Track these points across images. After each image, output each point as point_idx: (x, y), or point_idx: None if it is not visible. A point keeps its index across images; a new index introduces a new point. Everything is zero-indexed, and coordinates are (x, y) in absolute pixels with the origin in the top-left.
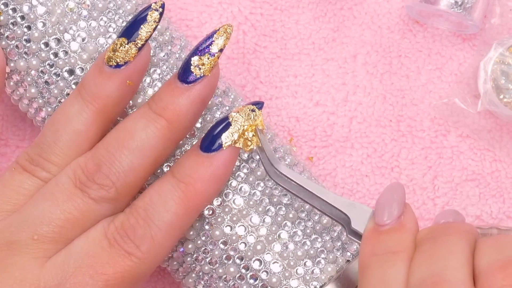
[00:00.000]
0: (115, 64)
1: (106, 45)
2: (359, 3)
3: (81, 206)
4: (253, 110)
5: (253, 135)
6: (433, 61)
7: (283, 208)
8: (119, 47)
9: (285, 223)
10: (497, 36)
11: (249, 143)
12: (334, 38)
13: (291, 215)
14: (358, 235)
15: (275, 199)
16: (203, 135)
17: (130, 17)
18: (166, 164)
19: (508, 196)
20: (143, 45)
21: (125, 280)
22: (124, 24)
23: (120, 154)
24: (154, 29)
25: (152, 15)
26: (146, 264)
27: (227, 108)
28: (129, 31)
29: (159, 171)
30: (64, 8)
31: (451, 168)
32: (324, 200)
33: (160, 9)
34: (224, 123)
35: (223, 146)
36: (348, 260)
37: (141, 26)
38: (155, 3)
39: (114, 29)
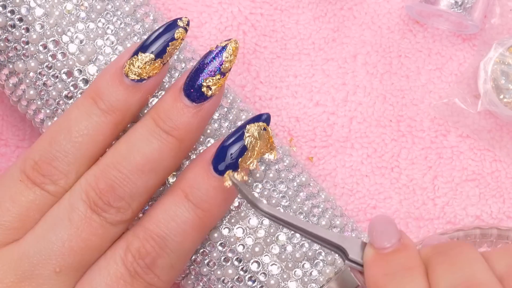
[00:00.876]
0: (138, 78)
1: (104, 46)
2: (359, 3)
3: (99, 231)
4: (264, 129)
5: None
6: (433, 61)
7: (281, 210)
8: (144, 62)
9: None
10: (497, 36)
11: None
12: (334, 38)
13: None
14: (357, 264)
15: (273, 201)
16: (201, 137)
17: (128, 19)
18: None
19: (508, 196)
20: (168, 61)
21: None
22: (122, 26)
23: (135, 176)
24: (179, 46)
25: (179, 32)
26: None
27: (225, 109)
28: (155, 46)
29: None
30: (62, 10)
31: (451, 168)
32: (315, 233)
33: (187, 27)
34: (241, 147)
35: (238, 169)
36: None
37: (170, 43)
38: (181, 20)
39: (112, 31)
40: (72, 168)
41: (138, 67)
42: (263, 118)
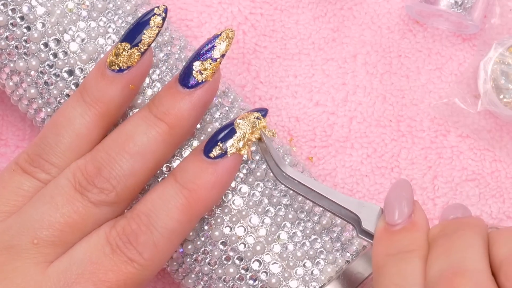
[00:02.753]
0: (117, 68)
1: (105, 45)
2: (359, 3)
3: (80, 209)
4: (258, 118)
5: (258, 139)
6: (433, 61)
7: (283, 209)
8: (122, 52)
9: (285, 223)
10: (497, 36)
11: (253, 150)
12: (334, 38)
13: (290, 216)
14: (369, 235)
15: (274, 200)
16: (202, 136)
17: (129, 18)
18: (165, 164)
19: (508, 196)
20: (145, 50)
21: (127, 286)
22: (124, 25)
23: (121, 158)
24: (157, 34)
25: (155, 20)
26: (148, 271)
27: (227, 108)
28: (131, 36)
29: (158, 171)
30: (63, 9)
31: (451, 168)
32: (333, 200)
33: (163, 14)
34: (229, 129)
35: (227, 153)
36: (347, 261)
37: (144, 31)
38: (158, 7)
39: (113, 29)
40: (60, 161)
41: (116, 57)
42: (259, 109)
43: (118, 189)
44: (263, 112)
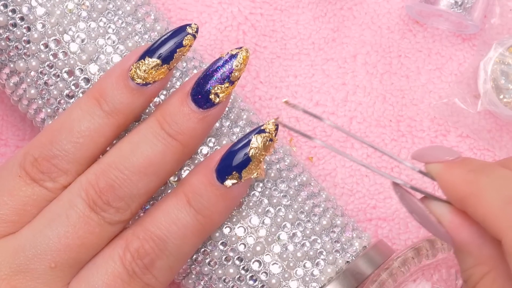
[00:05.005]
0: (143, 82)
1: (105, 46)
2: (359, 3)
3: (96, 230)
4: (270, 140)
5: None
6: (433, 61)
7: (283, 209)
8: (151, 68)
9: (285, 224)
10: (497, 36)
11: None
12: (334, 38)
13: (290, 216)
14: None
15: (274, 200)
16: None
17: (129, 18)
18: None
19: None
20: (174, 66)
21: None
22: (124, 25)
23: (136, 178)
24: (187, 52)
25: (188, 39)
26: None
27: (226, 108)
28: (163, 52)
29: None
30: (63, 9)
31: None
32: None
33: (196, 34)
34: (244, 157)
35: (242, 179)
36: (347, 261)
37: (177, 49)
38: (190, 26)
39: (113, 30)
40: (71, 167)
41: (144, 71)
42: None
43: (132, 208)
44: (277, 126)
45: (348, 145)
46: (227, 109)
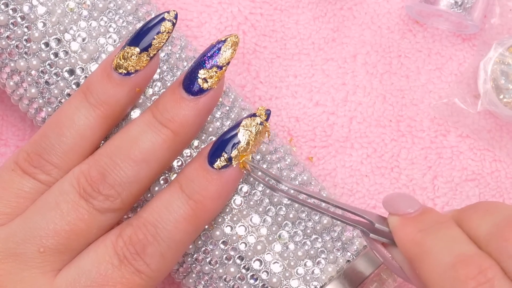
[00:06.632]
0: (125, 72)
1: (106, 45)
2: (359, 3)
3: (86, 217)
4: (261, 123)
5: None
6: (433, 61)
7: (284, 208)
8: (130, 56)
9: (286, 223)
10: (497, 36)
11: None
12: (334, 38)
13: (291, 215)
14: (382, 233)
15: (275, 199)
16: (203, 135)
17: (130, 17)
18: None
19: (508, 196)
20: (155, 54)
21: None
22: (125, 24)
23: (126, 165)
24: (167, 40)
25: (166, 26)
26: (155, 281)
27: (227, 108)
28: (141, 40)
29: None
30: (64, 8)
31: (451, 168)
32: (341, 206)
33: (174, 20)
34: (233, 139)
35: (232, 163)
36: (348, 260)
37: (155, 36)
38: (168, 13)
39: (114, 29)
40: (61, 161)
41: (124, 60)
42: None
43: (123, 196)
44: (268, 111)
45: (348, 145)
46: (227, 108)
